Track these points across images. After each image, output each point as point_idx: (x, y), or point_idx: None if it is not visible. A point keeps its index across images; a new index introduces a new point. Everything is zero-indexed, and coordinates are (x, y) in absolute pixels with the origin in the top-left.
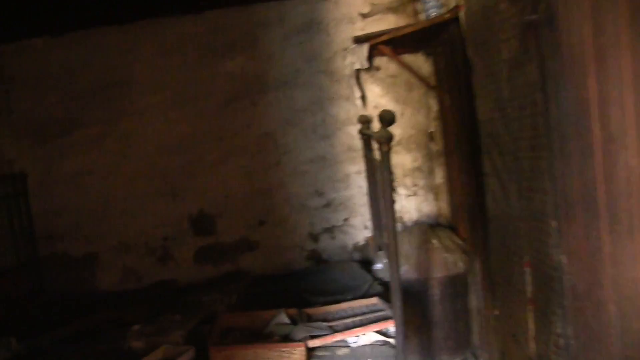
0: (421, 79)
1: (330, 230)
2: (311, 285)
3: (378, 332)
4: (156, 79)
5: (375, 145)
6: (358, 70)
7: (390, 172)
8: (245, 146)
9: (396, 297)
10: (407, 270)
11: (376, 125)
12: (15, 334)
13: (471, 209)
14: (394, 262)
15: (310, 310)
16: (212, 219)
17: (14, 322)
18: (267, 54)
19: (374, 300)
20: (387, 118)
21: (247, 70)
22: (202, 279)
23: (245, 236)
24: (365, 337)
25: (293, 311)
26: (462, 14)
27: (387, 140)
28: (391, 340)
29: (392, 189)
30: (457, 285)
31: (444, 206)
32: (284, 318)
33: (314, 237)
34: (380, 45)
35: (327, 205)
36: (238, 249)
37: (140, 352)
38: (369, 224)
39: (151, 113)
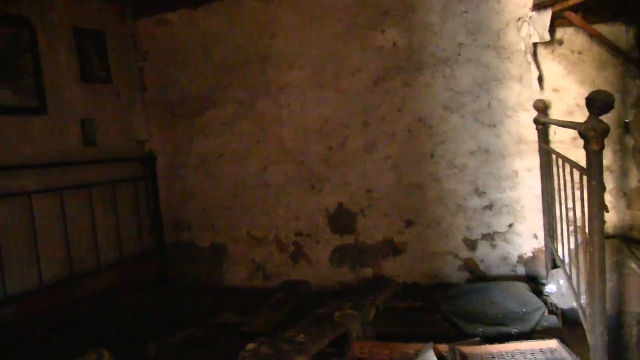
0: (618, 54)
1: (490, 236)
2: (464, 307)
3: None
4: (296, 54)
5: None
6: (535, 45)
7: (601, 182)
8: (394, 133)
9: (600, 354)
10: None
11: (554, 112)
12: (124, 338)
13: None
14: (598, 308)
15: (466, 349)
16: (352, 216)
17: (134, 318)
18: (424, 25)
19: (553, 343)
20: (601, 102)
21: (399, 44)
22: (337, 283)
23: (389, 237)
24: None
25: (443, 347)
26: None
27: (599, 135)
28: None
29: (603, 206)
30: None
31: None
32: (432, 357)
33: (471, 244)
34: (567, 11)
35: (489, 207)
36: (380, 252)
37: None
38: (540, 232)
39: (289, 93)
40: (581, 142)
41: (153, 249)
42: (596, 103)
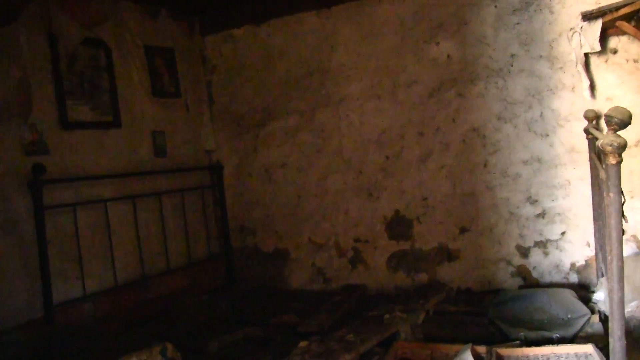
0: None
1: (543, 244)
2: (511, 312)
3: None
4: (354, 67)
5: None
6: (587, 55)
7: (619, 192)
8: (449, 143)
9: (618, 357)
10: (638, 308)
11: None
12: (195, 333)
13: None
14: (617, 313)
15: (504, 351)
16: (408, 223)
17: (200, 317)
18: (477, 37)
19: (588, 348)
20: (619, 118)
21: (453, 56)
22: (394, 287)
23: (444, 244)
24: None
25: (482, 349)
26: None
27: (616, 150)
28: None
29: (622, 215)
30: None
31: None
32: (469, 357)
33: (523, 252)
34: (618, 21)
35: (541, 215)
36: (435, 258)
37: None
38: (592, 240)
39: (348, 104)
40: (636, 150)
41: (220, 253)
42: (613, 119)
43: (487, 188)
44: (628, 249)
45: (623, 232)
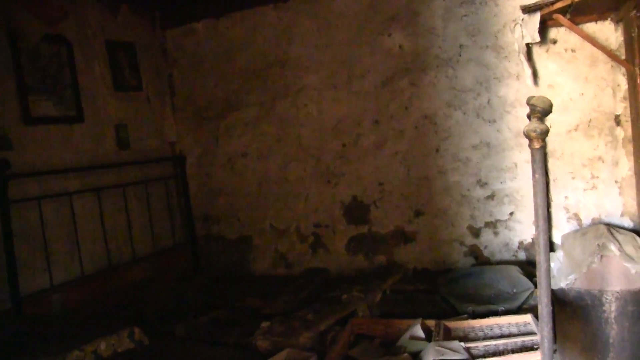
0: (608, 51)
1: (493, 224)
2: (461, 289)
3: None
4: (311, 58)
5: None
6: (529, 45)
7: (543, 175)
8: (403, 130)
9: (545, 322)
10: (576, 280)
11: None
12: (158, 319)
13: None
14: (544, 283)
15: (451, 324)
16: (365, 208)
17: (168, 303)
18: (428, 29)
19: (527, 317)
20: (541, 107)
21: (405, 47)
22: (353, 270)
23: (400, 227)
24: None
25: (431, 323)
26: None
27: (540, 135)
28: None
29: (547, 196)
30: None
31: (631, 203)
32: (418, 331)
33: (475, 232)
34: (555, 14)
35: (491, 197)
36: (392, 241)
37: (264, 353)
38: None
39: (306, 94)
40: (576, 134)
41: (185, 242)
42: (536, 108)
43: (440, 172)
44: (570, 226)
45: (548, 209)
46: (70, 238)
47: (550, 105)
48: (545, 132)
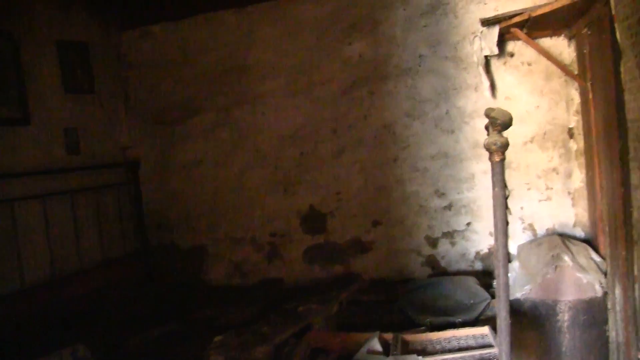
0: (562, 66)
1: (450, 235)
2: (419, 300)
3: None
4: (271, 65)
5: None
6: (487, 57)
7: (503, 188)
8: (361, 139)
9: (503, 335)
10: (532, 291)
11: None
12: (110, 331)
13: (614, 223)
14: (503, 296)
15: (409, 336)
16: (322, 217)
17: (119, 316)
18: (388, 38)
19: (485, 329)
20: (502, 120)
21: (365, 56)
22: (310, 280)
23: (357, 237)
24: None
25: (388, 336)
26: None
27: (500, 148)
28: None
29: (506, 208)
30: (591, 312)
31: (582, 214)
32: (376, 344)
33: (432, 242)
34: (512, 27)
35: (448, 207)
36: (349, 251)
37: None
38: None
39: (265, 101)
40: (532, 146)
41: (137, 251)
42: (497, 121)
43: (398, 182)
44: (525, 237)
45: (507, 222)
46: (10, 247)
47: (511, 119)
48: (505, 145)
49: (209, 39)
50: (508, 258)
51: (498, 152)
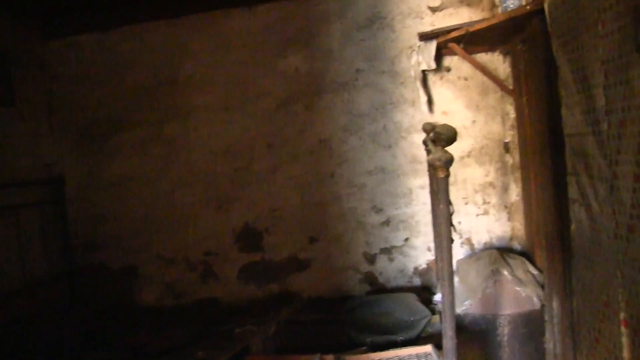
0: (497, 81)
1: (388, 251)
2: (360, 318)
3: None
4: (204, 78)
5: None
6: (424, 72)
7: (447, 204)
8: (297, 155)
9: (450, 356)
10: (472, 305)
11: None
12: None
13: (551, 236)
14: (449, 315)
15: (351, 358)
16: (258, 234)
17: (44, 344)
18: (324, 52)
19: (428, 348)
20: (446, 135)
21: (301, 70)
22: (246, 299)
23: (294, 254)
24: None
25: (329, 358)
26: (546, 4)
27: (444, 165)
28: None
29: (451, 224)
30: (530, 325)
31: (519, 227)
32: None
33: (370, 259)
34: (450, 42)
35: (386, 222)
36: (286, 268)
37: None
38: (432, 245)
39: (198, 116)
40: (469, 160)
41: (62, 273)
42: (441, 136)
43: (335, 198)
44: (463, 251)
45: (452, 240)
46: None
47: (455, 134)
48: (450, 161)
49: (140, 50)
50: (453, 277)
51: (443, 168)
